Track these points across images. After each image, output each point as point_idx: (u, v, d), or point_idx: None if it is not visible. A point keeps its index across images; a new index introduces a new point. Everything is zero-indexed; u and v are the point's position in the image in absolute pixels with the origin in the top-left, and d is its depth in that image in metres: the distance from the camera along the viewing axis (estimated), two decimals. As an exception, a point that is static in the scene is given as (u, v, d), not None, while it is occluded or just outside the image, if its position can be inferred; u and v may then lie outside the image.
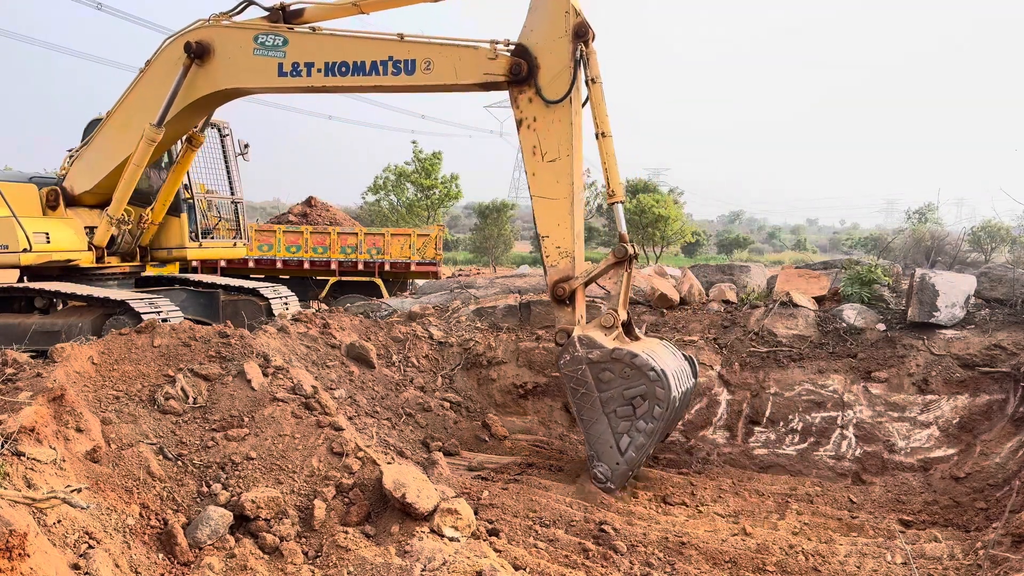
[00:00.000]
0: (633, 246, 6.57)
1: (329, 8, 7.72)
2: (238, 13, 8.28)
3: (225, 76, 8.28)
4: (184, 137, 10.13)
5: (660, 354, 6.50)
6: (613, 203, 6.55)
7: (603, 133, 6.44)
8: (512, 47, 6.60)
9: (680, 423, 7.97)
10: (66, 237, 10.11)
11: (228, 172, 12.01)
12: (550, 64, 6.39)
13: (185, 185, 11.06)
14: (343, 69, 7.20)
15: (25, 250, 9.61)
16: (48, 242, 9.86)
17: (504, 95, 6.66)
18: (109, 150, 9.75)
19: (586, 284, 6.59)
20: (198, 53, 8.24)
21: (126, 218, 10.33)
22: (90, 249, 10.32)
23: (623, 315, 6.61)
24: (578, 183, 6.50)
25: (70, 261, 10.19)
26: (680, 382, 6.44)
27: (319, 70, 7.35)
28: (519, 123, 6.56)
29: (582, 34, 6.28)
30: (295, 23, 7.74)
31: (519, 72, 6.45)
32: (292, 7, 7.81)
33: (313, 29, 7.46)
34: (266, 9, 7.91)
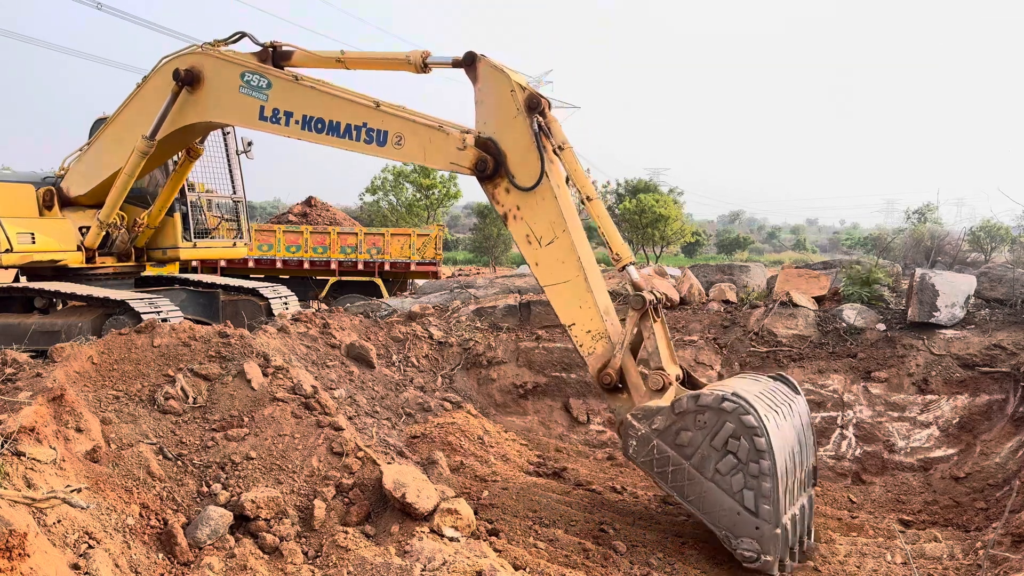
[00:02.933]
0: (653, 292, 5.79)
1: (314, 58, 7.59)
2: (231, 43, 8.20)
3: (211, 110, 8.25)
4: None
5: (732, 384, 5.51)
6: (624, 267, 5.90)
7: (588, 197, 5.98)
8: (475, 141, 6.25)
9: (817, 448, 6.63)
10: (53, 238, 10.12)
11: (230, 171, 11.98)
12: (514, 149, 6.02)
13: (182, 187, 11.04)
14: (319, 126, 7.07)
15: (7, 250, 9.63)
16: (33, 242, 9.88)
17: None
18: (103, 160, 9.77)
19: (633, 353, 5.76)
20: (187, 81, 8.22)
21: (118, 223, 10.35)
22: (79, 250, 10.32)
23: (673, 371, 5.67)
24: (587, 257, 5.94)
25: (56, 262, 10.20)
26: (775, 402, 5.38)
27: (296, 121, 7.23)
28: (504, 217, 6.15)
29: (535, 106, 5.93)
30: (283, 64, 7.69)
31: (484, 168, 6.06)
32: (282, 48, 7.75)
33: (297, 77, 7.37)
34: (258, 44, 7.86)
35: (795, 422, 5.51)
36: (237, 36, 8.18)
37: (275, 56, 7.73)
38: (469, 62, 6.17)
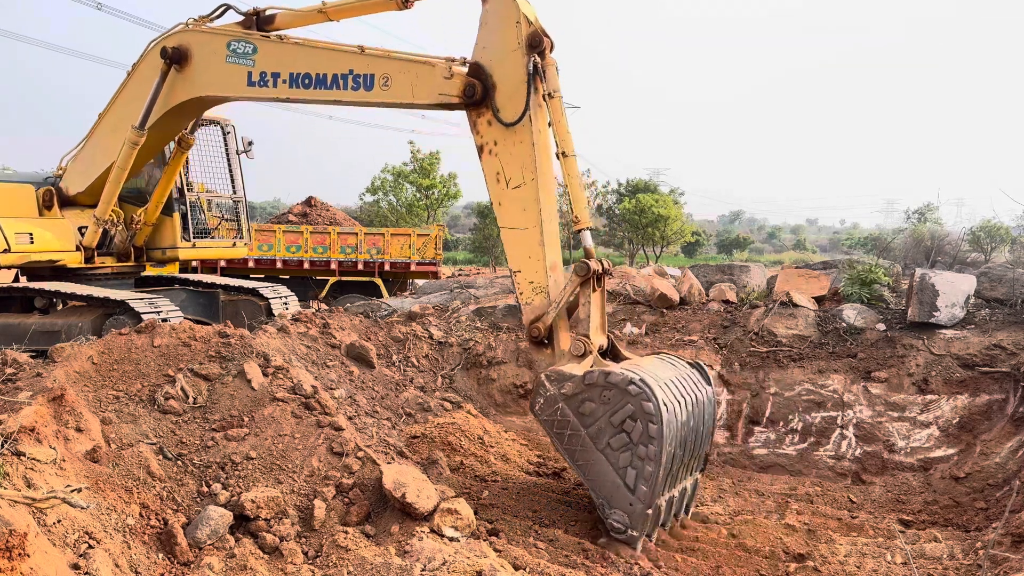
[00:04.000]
0: (601, 262, 5.80)
1: (298, 14, 7.60)
2: (216, 17, 8.23)
3: (201, 84, 8.26)
4: (175, 138, 10.11)
5: (647, 367, 5.67)
6: (580, 231, 5.92)
7: (563, 153, 5.87)
8: (468, 65, 6.16)
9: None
10: (52, 237, 10.11)
11: (230, 171, 11.95)
12: (505, 82, 5.92)
13: (178, 187, 11.02)
14: (306, 81, 7.09)
15: (5, 250, 9.63)
16: (31, 242, 9.88)
17: None
18: (100, 153, 9.76)
19: (569, 314, 5.88)
20: (175, 59, 8.25)
21: (115, 219, 10.33)
22: (78, 249, 10.31)
23: (598, 340, 5.81)
24: (548, 209, 5.93)
25: (55, 262, 10.20)
26: (678, 391, 5.57)
27: (284, 81, 7.26)
28: (480, 149, 6.08)
29: (536, 44, 5.78)
30: (268, 29, 7.70)
31: (473, 94, 5.97)
32: (265, 12, 7.77)
33: (281, 38, 7.39)
34: (241, 14, 7.88)
35: (696, 411, 5.73)
36: (221, 9, 8.22)
37: (259, 22, 7.75)
38: None
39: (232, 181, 12.03)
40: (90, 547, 3.70)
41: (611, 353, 6.05)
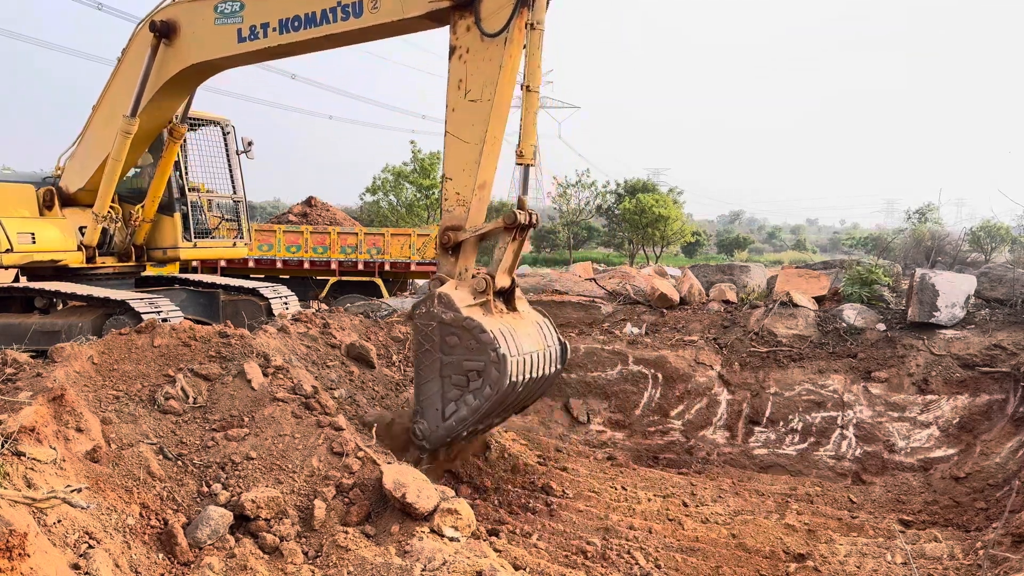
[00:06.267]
0: (530, 216, 6.13)
1: None
2: None
3: (191, 51, 8.34)
4: (167, 129, 10.09)
5: (520, 333, 6.08)
6: (521, 164, 6.17)
7: (528, 87, 5.96)
8: None
9: (525, 406, 7.04)
10: (53, 237, 10.11)
11: (230, 171, 11.95)
12: None
13: (179, 187, 11.01)
14: (296, 24, 7.20)
15: (7, 250, 9.63)
16: (33, 242, 9.87)
17: None
18: (96, 147, 9.74)
19: (480, 240, 6.17)
20: (163, 32, 8.33)
21: (113, 215, 10.31)
22: (80, 249, 10.30)
23: (501, 282, 6.15)
24: (494, 132, 6.07)
25: (57, 261, 10.19)
26: (532, 367, 6.01)
27: (274, 29, 7.38)
28: (452, 51, 6.15)
29: None
30: None
31: None
32: None
33: None
34: None
35: (534, 385, 6.19)
36: None
37: None
38: None
39: (232, 181, 12.03)
40: (90, 547, 3.70)
41: (506, 297, 6.35)
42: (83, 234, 10.36)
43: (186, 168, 11.45)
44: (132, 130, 9.05)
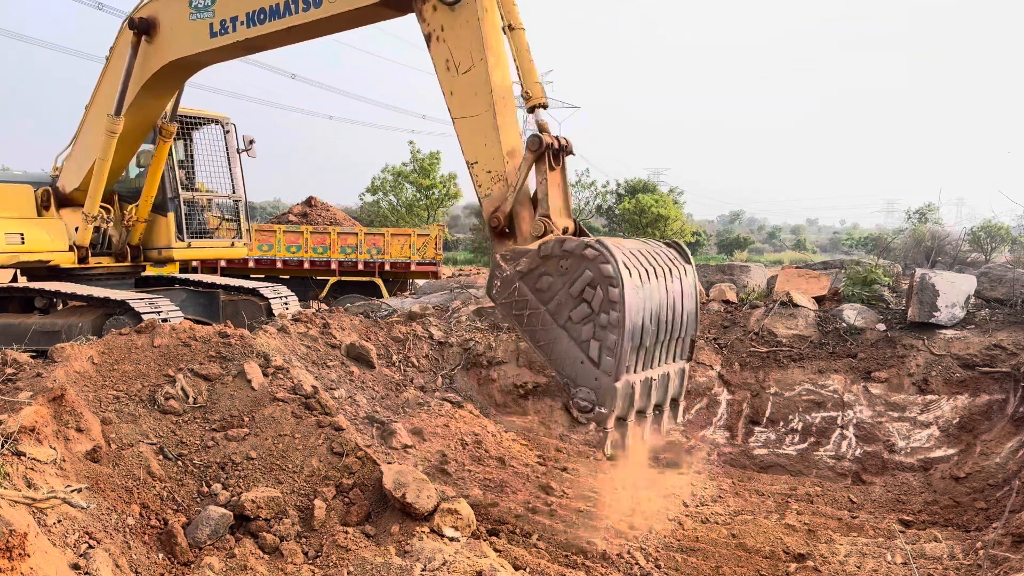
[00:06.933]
0: (558, 138, 5.36)
1: None
2: None
3: (170, 47, 8.33)
4: (156, 128, 10.05)
5: (611, 241, 5.10)
6: (532, 107, 5.53)
7: (510, 26, 5.51)
8: None
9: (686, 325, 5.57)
10: (44, 237, 10.10)
11: (229, 170, 11.89)
12: None
13: (174, 186, 10.97)
14: (262, 16, 7.19)
15: None
16: (22, 242, 9.86)
17: None
18: (88, 148, 9.72)
19: (533, 201, 5.40)
20: (143, 29, 8.33)
21: (105, 215, 10.29)
22: (72, 249, 10.28)
23: (561, 222, 5.33)
24: (501, 90, 5.54)
25: (47, 262, 10.18)
26: (649, 261, 5.04)
27: (242, 23, 7.38)
28: (428, 38, 5.80)
29: None
30: None
31: None
32: None
33: None
34: None
35: (672, 286, 5.17)
36: None
37: None
38: None
39: (232, 180, 11.98)
40: (90, 547, 3.70)
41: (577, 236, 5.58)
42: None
43: (192, 168, 11.44)
44: (117, 129, 9.01)
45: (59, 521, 3.70)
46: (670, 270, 5.18)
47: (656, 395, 5.17)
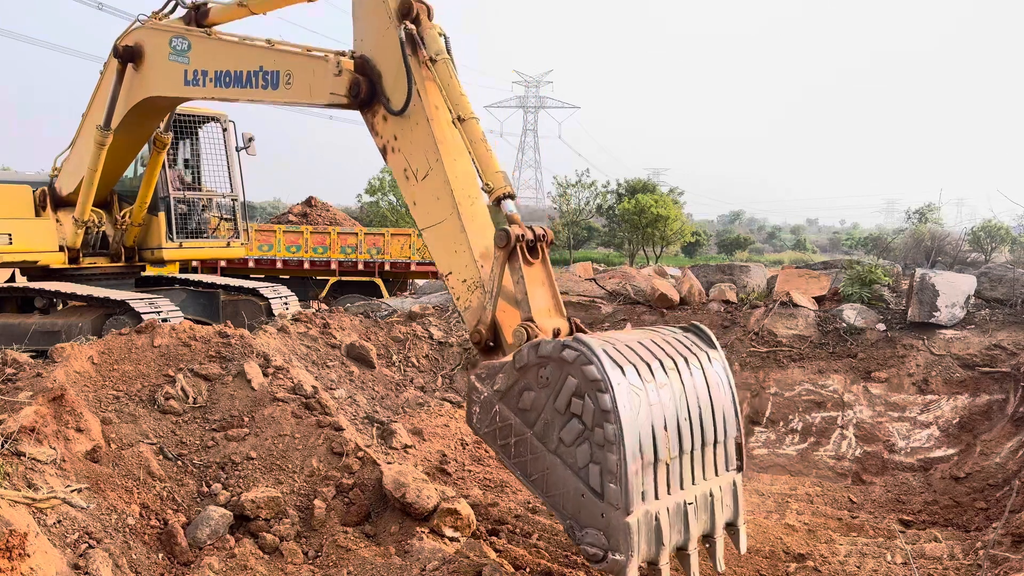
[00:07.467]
0: (532, 228, 4.62)
1: (224, 9, 7.41)
2: (168, 14, 8.04)
3: (152, 81, 8.10)
4: (151, 139, 9.99)
5: (600, 335, 4.29)
6: (497, 199, 4.86)
7: (459, 118, 4.99)
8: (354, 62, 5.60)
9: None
10: (33, 238, 10.14)
11: (228, 168, 11.83)
12: (386, 64, 5.33)
13: (166, 186, 10.95)
14: (227, 79, 6.90)
15: None
16: (10, 242, 9.88)
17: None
18: (84, 153, 9.72)
19: (520, 305, 4.51)
20: (127, 57, 8.12)
21: (96, 220, 10.30)
22: (62, 250, 10.29)
23: (549, 324, 4.47)
24: (463, 189, 5.04)
25: (34, 262, 10.20)
26: (652, 353, 4.11)
27: (211, 80, 7.10)
28: (383, 151, 5.43)
29: (407, 12, 5.16)
30: (205, 24, 7.51)
31: (358, 92, 5.40)
32: (203, 6, 7.56)
33: (211, 34, 7.23)
34: (184, 7, 7.71)
35: (692, 379, 4.19)
36: (173, 4, 7.98)
37: (197, 17, 7.59)
38: None
39: (230, 179, 11.93)
40: (90, 547, 3.70)
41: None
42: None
43: (199, 167, 11.42)
44: (106, 142, 8.93)
45: (59, 521, 3.70)
46: (686, 359, 4.25)
47: (699, 523, 4.16)
